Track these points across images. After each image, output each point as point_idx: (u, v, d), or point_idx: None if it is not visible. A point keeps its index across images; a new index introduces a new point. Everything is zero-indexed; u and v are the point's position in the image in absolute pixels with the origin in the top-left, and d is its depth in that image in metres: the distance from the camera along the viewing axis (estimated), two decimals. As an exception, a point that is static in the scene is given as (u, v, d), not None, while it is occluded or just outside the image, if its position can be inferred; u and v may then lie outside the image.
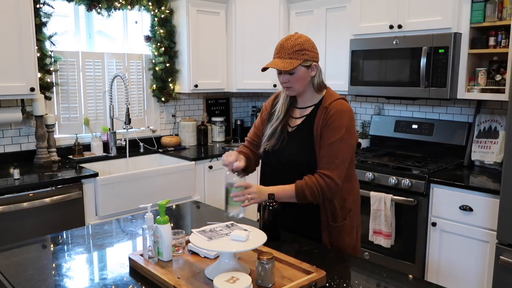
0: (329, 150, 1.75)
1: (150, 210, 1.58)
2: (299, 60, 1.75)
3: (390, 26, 3.13)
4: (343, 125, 1.76)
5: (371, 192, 2.95)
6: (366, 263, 1.64)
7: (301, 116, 1.88)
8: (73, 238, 1.82)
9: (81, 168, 3.01)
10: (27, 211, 2.57)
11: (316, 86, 1.85)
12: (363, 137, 3.72)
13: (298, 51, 1.75)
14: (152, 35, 3.78)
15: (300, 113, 1.89)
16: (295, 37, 1.78)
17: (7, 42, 2.69)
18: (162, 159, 3.72)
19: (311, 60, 1.78)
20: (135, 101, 3.82)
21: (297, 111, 1.90)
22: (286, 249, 1.62)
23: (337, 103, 1.80)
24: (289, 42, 1.76)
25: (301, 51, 1.75)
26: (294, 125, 1.88)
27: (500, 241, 2.39)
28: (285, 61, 1.74)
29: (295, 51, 1.74)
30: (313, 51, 1.79)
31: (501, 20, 2.73)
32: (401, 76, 3.09)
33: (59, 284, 1.41)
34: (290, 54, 1.75)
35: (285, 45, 1.76)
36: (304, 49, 1.76)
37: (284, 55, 1.76)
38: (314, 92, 1.86)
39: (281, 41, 1.79)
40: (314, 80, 1.84)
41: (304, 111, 1.88)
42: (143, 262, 1.48)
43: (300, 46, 1.75)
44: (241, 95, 4.64)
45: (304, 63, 1.76)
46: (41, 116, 3.05)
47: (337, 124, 1.76)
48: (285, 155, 1.85)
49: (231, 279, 1.30)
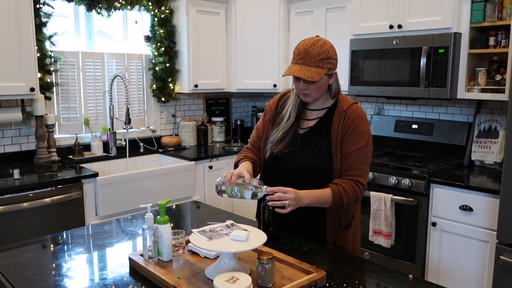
0: (358, 156, 1.72)
1: (150, 210, 1.58)
2: (325, 69, 1.67)
3: (390, 26, 3.13)
4: (365, 130, 1.75)
5: (371, 192, 2.95)
6: (366, 263, 1.64)
7: (314, 118, 1.83)
8: (73, 238, 1.82)
9: (81, 168, 3.01)
10: (27, 211, 2.57)
11: (333, 92, 1.80)
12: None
13: (323, 60, 1.67)
14: (152, 35, 3.78)
15: (312, 115, 1.84)
16: (321, 43, 1.69)
17: (7, 42, 2.69)
18: (162, 159, 3.72)
19: (333, 68, 1.73)
20: (135, 101, 3.82)
21: (309, 112, 1.85)
22: (286, 249, 1.62)
23: (354, 107, 1.77)
24: (315, 49, 1.66)
25: (327, 60, 1.68)
26: (306, 127, 1.83)
27: (500, 241, 2.39)
28: (311, 70, 1.65)
29: (321, 59, 1.66)
30: (336, 58, 1.73)
31: (501, 20, 2.72)
32: (401, 76, 3.10)
33: (59, 284, 1.41)
34: (316, 62, 1.66)
35: (311, 52, 1.66)
36: (330, 58, 1.69)
37: (309, 62, 1.66)
38: (328, 96, 1.82)
39: (306, 46, 1.69)
40: (332, 86, 1.79)
41: (317, 113, 1.83)
42: (143, 262, 1.48)
43: (326, 54, 1.67)
44: (241, 95, 4.64)
45: (328, 72, 1.70)
46: (41, 116, 3.05)
47: (360, 129, 1.74)
48: (297, 158, 1.79)
49: (231, 279, 1.30)
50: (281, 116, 1.86)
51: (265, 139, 1.91)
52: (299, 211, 1.66)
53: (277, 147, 1.81)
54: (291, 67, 1.70)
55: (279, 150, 1.81)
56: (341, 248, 1.81)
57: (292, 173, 1.80)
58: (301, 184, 1.69)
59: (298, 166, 1.79)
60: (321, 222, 1.81)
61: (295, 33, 3.90)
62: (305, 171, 1.78)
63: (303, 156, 1.78)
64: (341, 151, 1.74)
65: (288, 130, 1.82)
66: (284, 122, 1.84)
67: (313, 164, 1.77)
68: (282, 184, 1.64)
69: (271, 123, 1.91)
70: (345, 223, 1.82)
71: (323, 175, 1.75)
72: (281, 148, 1.81)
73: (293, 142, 1.80)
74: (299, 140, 1.81)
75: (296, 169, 1.80)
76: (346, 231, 1.82)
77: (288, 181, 1.69)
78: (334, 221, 1.80)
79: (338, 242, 1.81)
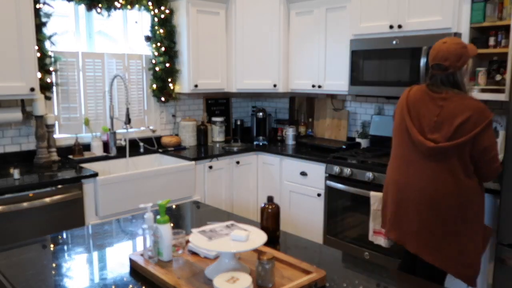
0: None
1: (150, 210, 1.58)
2: None
3: (390, 26, 3.13)
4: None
5: (371, 192, 2.95)
6: (366, 263, 1.64)
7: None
8: (73, 238, 1.82)
9: (81, 168, 3.01)
10: (27, 211, 2.57)
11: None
12: (363, 137, 3.72)
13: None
14: (152, 35, 3.78)
15: None
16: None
17: (7, 42, 2.69)
18: (162, 159, 3.72)
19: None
20: (135, 101, 3.82)
21: None
22: (286, 249, 1.62)
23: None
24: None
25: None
26: None
27: (500, 241, 2.39)
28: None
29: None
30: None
31: (501, 20, 2.72)
32: (401, 76, 3.10)
33: (59, 284, 1.41)
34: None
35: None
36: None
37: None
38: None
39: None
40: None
41: None
42: (143, 262, 1.48)
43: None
44: (241, 95, 4.64)
45: None
46: (41, 116, 3.05)
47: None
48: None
49: (231, 279, 1.30)
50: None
51: None
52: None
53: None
54: None
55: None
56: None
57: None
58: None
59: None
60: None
61: (295, 33, 3.90)
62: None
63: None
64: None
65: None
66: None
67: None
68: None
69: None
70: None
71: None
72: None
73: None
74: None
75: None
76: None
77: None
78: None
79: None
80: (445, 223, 2.06)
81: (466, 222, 2.06)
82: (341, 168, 3.22)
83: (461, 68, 2.10)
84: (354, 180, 3.15)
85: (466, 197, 2.04)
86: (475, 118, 1.98)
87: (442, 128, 2.04)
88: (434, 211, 2.07)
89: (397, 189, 2.23)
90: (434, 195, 2.06)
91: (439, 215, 2.07)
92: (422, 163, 2.11)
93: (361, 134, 3.73)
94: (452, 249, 2.08)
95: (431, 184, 2.07)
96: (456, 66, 2.08)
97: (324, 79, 3.70)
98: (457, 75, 2.10)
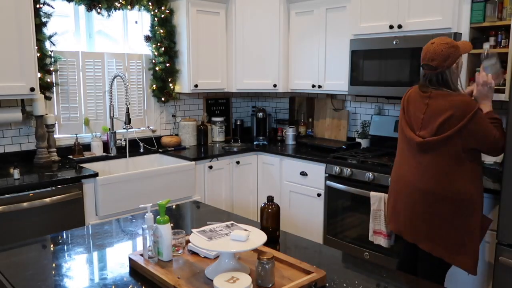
0: None
1: (150, 210, 1.58)
2: None
3: (390, 26, 3.13)
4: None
5: (371, 192, 2.95)
6: (366, 263, 1.64)
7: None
8: (73, 238, 1.82)
9: (81, 168, 3.01)
10: (27, 211, 2.57)
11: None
12: (363, 137, 3.72)
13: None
14: (152, 35, 3.78)
15: None
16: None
17: (7, 42, 2.69)
18: (162, 159, 3.72)
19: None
20: (135, 101, 3.82)
21: None
22: (286, 249, 1.62)
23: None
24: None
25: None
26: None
27: (500, 241, 2.39)
28: None
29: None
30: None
31: (501, 20, 2.72)
32: (401, 76, 3.10)
33: (59, 284, 1.41)
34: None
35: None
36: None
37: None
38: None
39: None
40: None
41: None
42: (143, 262, 1.48)
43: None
44: (241, 95, 4.64)
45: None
46: (41, 116, 3.05)
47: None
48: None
49: (231, 279, 1.30)
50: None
51: None
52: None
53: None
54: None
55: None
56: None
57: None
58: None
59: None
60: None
61: (295, 33, 3.90)
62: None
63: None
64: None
65: None
66: None
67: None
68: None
69: None
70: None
71: None
72: None
73: None
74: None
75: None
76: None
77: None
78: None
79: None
80: (439, 214, 2.15)
81: (460, 212, 2.13)
82: (341, 168, 3.22)
83: (450, 67, 2.16)
84: (354, 180, 3.15)
85: (457, 189, 2.12)
86: (459, 113, 2.07)
87: (428, 126, 2.15)
88: (426, 203, 2.17)
89: (394, 183, 2.38)
90: (424, 188, 2.17)
91: (431, 206, 2.16)
92: (414, 157, 2.22)
93: (361, 134, 3.73)
94: (450, 239, 2.15)
95: (421, 177, 2.18)
96: (443, 65, 2.15)
97: (324, 79, 3.70)
98: (446, 74, 2.17)
